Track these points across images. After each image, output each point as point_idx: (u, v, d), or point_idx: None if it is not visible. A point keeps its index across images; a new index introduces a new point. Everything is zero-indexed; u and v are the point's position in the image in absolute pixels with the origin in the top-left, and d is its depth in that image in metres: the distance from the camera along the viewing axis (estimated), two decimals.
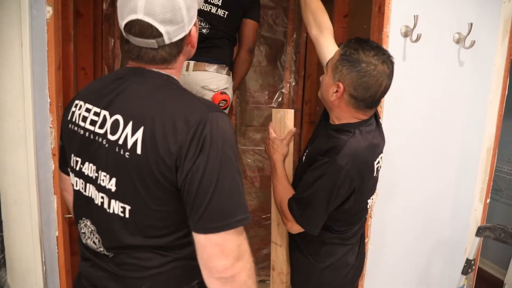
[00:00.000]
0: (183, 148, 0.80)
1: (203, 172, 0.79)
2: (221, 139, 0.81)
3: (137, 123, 0.83)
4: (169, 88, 0.89)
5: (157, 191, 0.83)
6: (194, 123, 0.80)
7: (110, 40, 2.47)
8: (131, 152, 0.83)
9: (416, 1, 1.68)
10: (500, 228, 1.56)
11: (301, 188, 1.25)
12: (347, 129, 1.24)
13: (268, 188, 2.89)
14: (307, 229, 1.25)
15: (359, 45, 1.18)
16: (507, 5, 1.67)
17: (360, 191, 1.22)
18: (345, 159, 1.16)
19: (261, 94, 2.76)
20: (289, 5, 2.69)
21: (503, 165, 2.96)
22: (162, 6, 0.83)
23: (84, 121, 0.93)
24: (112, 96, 0.91)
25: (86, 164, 0.93)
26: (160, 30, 0.85)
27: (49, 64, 1.38)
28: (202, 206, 0.79)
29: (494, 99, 1.75)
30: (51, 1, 1.36)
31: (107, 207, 0.90)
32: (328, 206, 1.20)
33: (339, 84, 1.19)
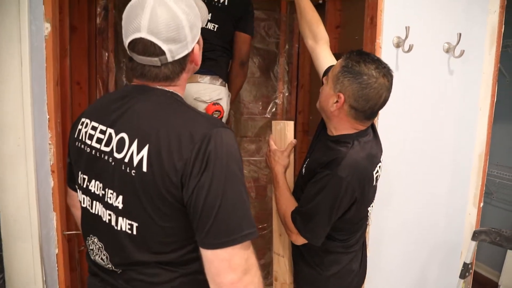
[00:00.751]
0: (188, 164, 0.80)
1: (209, 189, 0.80)
2: (225, 155, 0.82)
3: (143, 141, 0.84)
4: (173, 105, 0.90)
5: (163, 207, 0.84)
6: (199, 140, 0.81)
7: (104, 54, 2.47)
8: (137, 170, 0.84)
9: (407, 13, 1.73)
10: (496, 232, 1.60)
11: (304, 201, 1.27)
12: (346, 140, 1.26)
13: (263, 198, 2.91)
14: (311, 241, 1.27)
15: (360, 57, 1.21)
16: (492, 16, 1.73)
17: (361, 201, 1.25)
18: (345, 170, 1.18)
19: (255, 105, 2.79)
20: (281, 17, 2.73)
21: (492, 168, 3.03)
22: (165, 25, 0.85)
23: (90, 139, 0.94)
24: (118, 114, 0.92)
25: (93, 182, 0.94)
26: (163, 48, 0.86)
27: (48, 80, 1.38)
28: (209, 222, 0.80)
29: (484, 106, 1.80)
30: (49, 17, 1.36)
31: (114, 224, 0.90)
32: (331, 217, 1.22)
33: (340, 94, 1.22)
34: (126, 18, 0.89)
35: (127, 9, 0.89)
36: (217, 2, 1.83)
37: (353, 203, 1.23)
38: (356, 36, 2.07)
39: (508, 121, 2.95)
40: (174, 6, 0.86)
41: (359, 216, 1.33)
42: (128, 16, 0.88)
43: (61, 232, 1.50)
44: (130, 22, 0.87)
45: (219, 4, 1.82)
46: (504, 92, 2.89)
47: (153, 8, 0.85)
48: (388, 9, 1.70)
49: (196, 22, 0.92)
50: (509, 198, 2.93)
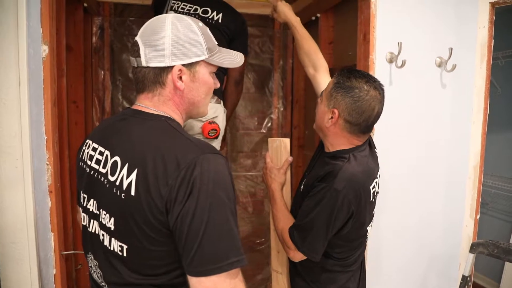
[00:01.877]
0: (173, 191, 0.80)
1: (193, 216, 0.79)
2: (211, 182, 0.81)
3: (132, 165, 0.85)
4: (165, 130, 0.91)
5: (150, 232, 0.83)
6: (184, 166, 0.81)
7: (100, 73, 2.49)
8: (126, 194, 0.85)
9: (399, 29, 1.76)
10: (493, 244, 1.61)
11: (301, 215, 1.27)
12: (342, 155, 1.28)
13: (261, 213, 2.90)
14: (309, 255, 1.26)
15: (350, 73, 1.26)
16: (482, 31, 1.77)
17: (358, 216, 1.25)
18: (342, 183, 1.19)
19: (251, 120, 2.81)
20: (274, 33, 2.77)
21: (487, 179, 3.05)
22: (150, 31, 0.92)
23: (90, 160, 0.97)
24: (115, 137, 0.94)
25: (91, 201, 0.96)
26: (140, 50, 0.92)
27: (45, 102, 1.39)
28: (193, 250, 0.79)
29: (477, 119, 1.83)
30: (47, 39, 1.38)
31: (107, 244, 0.91)
32: (328, 231, 1.22)
33: (334, 110, 1.25)
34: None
35: None
36: (211, 19, 1.85)
37: (350, 217, 1.23)
38: (349, 52, 2.11)
39: (502, 132, 2.99)
40: (169, 20, 0.92)
41: (357, 234, 1.32)
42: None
43: (59, 253, 1.48)
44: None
45: (213, 22, 1.84)
46: (497, 103, 2.94)
47: (154, 19, 0.95)
48: (381, 26, 1.74)
49: (188, 45, 0.92)
50: (504, 208, 2.95)
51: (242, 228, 2.87)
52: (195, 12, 1.86)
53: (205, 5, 1.86)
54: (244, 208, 2.86)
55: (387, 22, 1.75)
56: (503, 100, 2.95)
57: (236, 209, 0.86)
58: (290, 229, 1.30)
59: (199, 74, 0.97)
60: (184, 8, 1.87)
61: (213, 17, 1.86)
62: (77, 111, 2.19)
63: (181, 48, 0.91)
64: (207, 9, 1.86)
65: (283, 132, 2.87)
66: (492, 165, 3.06)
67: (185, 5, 1.87)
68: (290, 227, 1.30)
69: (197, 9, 1.86)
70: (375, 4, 1.73)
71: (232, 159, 2.81)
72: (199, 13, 1.86)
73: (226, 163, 0.88)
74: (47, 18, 1.36)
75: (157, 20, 0.94)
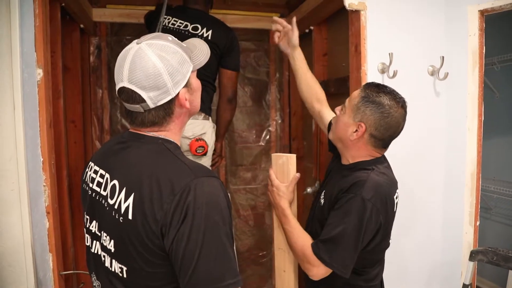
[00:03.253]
0: (167, 215, 0.81)
1: (188, 240, 0.80)
2: (205, 205, 0.82)
3: (130, 189, 0.87)
4: (161, 154, 0.92)
5: (148, 255, 0.85)
6: (179, 191, 0.82)
7: (98, 91, 2.52)
8: (124, 217, 0.86)
9: (390, 39, 1.78)
10: (492, 251, 1.60)
11: (327, 229, 1.22)
12: (364, 166, 1.28)
13: (262, 226, 2.90)
14: (339, 270, 1.19)
15: (379, 88, 1.27)
16: (472, 39, 1.78)
17: (385, 226, 1.24)
18: (370, 192, 1.18)
19: (249, 134, 2.82)
20: (270, 47, 2.80)
21: (489, 184, 3.03)
22: (143, 73, 0.88)
23: (92, 182, 0.99)
24: (113, 160, 0.96)
25: (94, 223, 0.98)
26: (142, 96, 0.89)
27: (41, 124, 1.41)
28: (188, 272, 0.80)
29: (472, 126, 1.83)
30: (41, 63, 1.40)
31: (109, 265, 0.93)
32: (358, 243, 1.18)
33: (361, 124, 1.25)
34: (115, 69, 0.94)
35: (116, 61, 0.94)
36: (200, 35, 1.88)
37: (379, 228, 1.21)
38: (343, 63, 2.12)
39: (502, 136, 2.98)
40: (152, 55, 0.89)
41: (382, 246, 1.29)
42: (116, 67, 0.93)
43: (57, 273, 1.49)
44: (116, 73, 0.93)
45: (203, 38, 1.87)
46: (496, 108, 2.94)
47: (133, 58, 0.89)
48: (371, 37, 1.75)
49: (180, 68, 0.92)
50: (507, 213, 2.92)
51: (244, 242, 2.87)
52: (185, 28, 1.88)
53: (195, 22, 1.89)
54: (245, 222, 2.86)
55: (378, 33, 1.77)
56: (502, 104, 2.95)
57: (232, 231, 0.88)
58: (313, 245, 1.23)
59: (192, 84, 0.99)
60: (174, 24, 1.90)
61: (202, 33, 1.88)
62: (75, 130, 2.22)
63: (178, 75, 0.92)
64: (197, 25, 1.88)
65: (281, 144, 2.88)
66: (494, 169, 3.04)
67: (176, 21, 1.90)
68: (314, 243, 1.24)
69: (187, 25, 1.89)
70: (365, 16, 1.75)
71: (231, 172, 2.81)
72: (189, 29, 1.88)
73: (221, 185, 0.89)
74: (41, 42, 1.39)
75: (139, 59, 0.88)
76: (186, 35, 1.87)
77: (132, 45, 0.92)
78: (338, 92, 2.27)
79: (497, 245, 1.72)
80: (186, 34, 1.88)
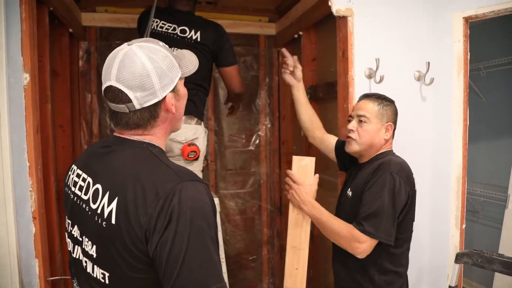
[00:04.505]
0: (152, 220, 0.80)
1: (172, 245, 0.79)
2: (190, 210, 0.81)
3: (113, 193, 0.86)
4: (145, 158, 0.91)
5: (131, 260, 0.84)
6: (163, 195, 0.81)
7: (87, 96, 2.51)
8: (107, 222, 0.85)
9: (377, 45, 1.81)
10: (477, 254, 1.61)
11: (366, 206, 1.38)
12: (382, 156, 1.51)
13: (252, 230, 2.90)
14: (385, 239, 1.36)
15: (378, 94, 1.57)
16: (457, 45, 1.81)
17: (411, 200, 1.43)
18: (396, 167, 1.41)
19: (239, 138, 2.83)
20: (259, 52, 2.82)
21: (476, 187, 3.07)
22: (131, 73, 0.88)
23: (74, 186, 0.98)
24: (96, 164, 0.95)
25: (75, 227, 0.96)
26: (129, 95, 0.88)
27: (28, 129, 1.40)
28: (172, 278, 0.79)
29: (458, 130, 1.86)
30: (28, 68, 1.40)
31: (90, 271, 0.92)
32: (396, 212, 1.37)
33: (390, 124, 1.53)
34: (103, 68, 0.93)
35: (106, 61, 0.93)
36: (189, 39, 1.88)
37: (407, 200, 1.40)
38: (331, 68, 2.14)
39: (489, 140, 3.02)
40: (142, 55, 0.89)
41: (408, 222, 1.47)
42: (105, 67, 0.93)
43: (44, 279, 1.48)
44: (104, 72, 0.92)
45: (192, 41, 1.87)
46: (482, 112, 2.99)
47: (123, 58, 0.89)
48: (358, 43, 1.78)
49: (169, 72, 0.92)
50: (494, 216, 2.96)
51: (234, 246, 2.86)
52: (173, 32, 1.89)
53: (182, 24, 1.88)
54: (235, 226, 2.86)
55: (365, 39, 1.79)
56: (487, 108, 2.99)
57: (217, 235, 0.87)
58: (356, 224, 1.37)
59: (180, 91, 0.98)
60: (163, 26, 1.90)
61: (191, 36, 1.87)
62: (64, 135, 2.21)
63: (166, 78, 0.92)
64: (185, 28, 1.88)
65: (271, 148, 2.89)
66: (481, 173, 3.08)
67: (164, 24, 1.90)
68: (356, 222, 1.38)
69: (175, 28, 1.88)
70: (352, 22, 1.77)
71: (221, 177, 2.82)
72: (177, 32, 1.88)
73: (206, 189, 0.89)
74: (27, 47, 1.39)
75: (128, 59, 0.89)
76: (174, 39, 1.87)
77: (123, 46, 0.92)
78: (326, 97, 2.29)
79: (484, 248, 1.74)
80: (175, 38, 1.88)
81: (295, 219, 1.47)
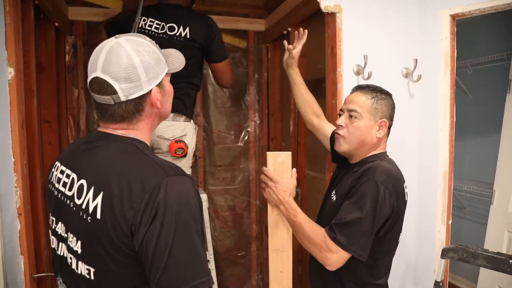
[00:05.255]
0: (137, 215, 0.81)
1: (157, 239, 0.80)
2: (176, 204, 0.82)
3: (98, 188, 0.86)
4: (130, 153, 0.91)
5: (117, 255, 0.84)
6: (149, 190, 0.82)
7: (74, 91, 2.48)
8: (92, 217, 0.85)
9: (365, 42, 1.81)
10: (462, 249, 1.64)
11: (343, 213, 1.25)
12: (373, 159, 1.37)
13: (241, 226, 2.91)
14: (356, 253, 1.21)
15: (375, 86, 1.41)
16: (444, 42, 1.83)
17: (397, 212, 1.28)
18: (382, 176, 1.26)
19: (228, 134, 2.83)
20: (249, 48, 2.81)
21: (463, 183, 3.12)
22: (117, 64, 0.88)
23: (58, 182, 0.97)
24: (81, 160, 0.95)
25: (59, 224, 0.96)
26: (114, 87, 0.89)
27: (12, 124, 1.39)
28: (159, 272, 0.80)
29: (444, 126, 1.88)
30: (12, 62, 1.38)
31: (75, 267, 0.91)
32: (374, 225, 1.22)
33: (384, 121, 1.37)
34: (89, 61, 0.93)
35: (92, 53, 0.93)
36: (178, 36, 1.85)
37: (391, 212, 1.26)
38: (319, 65, 2.15)
39: (475, 137, 3.07)
40: (129, 48, 0.90)
41: (392, 235, 1.33)
42: (91, 59, 0.92)
43: (29, 276, 1.46)
44: (90, 64, 0.92)
45: (181, 39, 1.85)
46: (469, 109, 3.03)
47: (109, 50, 0.90)
48: (347, 39, 1.78)
49: (155, 66, 0.93)
50: (480, 212, 3.01)
51: (222, 242, 2.87)
52: (162, 31, 1.86)
53: (171, 21, 1.86)
54: (224, 222, 2.86)
55: (353, 35, 1.80)
56: (474, 106, 3.03)
57: (204, 229, 0.88)
58: (328, 231, 1.25)
59: (165, 87, 0.99)
60: (151, 25, 1.87)
61: (180, 33, 1.85)
62: (50, 131, 2.18)
63: (153, 72, 0.92)
64: (173, 25, 1.85)
65: (260, 145, 2.89)
66: (467, 170, 3.13)
67: (152, 22, 1.87)
68: (329, 229, 1.25)
69: (163, 26, 1.86)
70: (341, 18, 1.78)
71: (210, 173, 2.81)
72: (166, 31, 1.85)
73: (192, 184, 0.89)
74: (12, 41, 1.37)
75: (115, 51, 0.89)
76: (163, 39, 1.84)
77: (111, 39, 0.93)
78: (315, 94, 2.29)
79: (470, 243, 1.77)
80: (163, 38, 1.85)
81: (275, 220, 1.39)
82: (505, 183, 2.54)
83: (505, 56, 2.65)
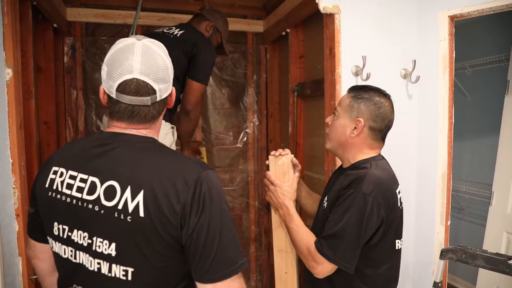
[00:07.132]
0: (186, 207, 0.86)
1: (208, 229, 0.86)
2: (217, 196, 0.89)
3: (136, 187, 0.87)
4: (159, 150, 0.95)
5: (161, 248, 0.88)
6: (192, 183, 0.88)
7: (72, 92, 2.48)
8: (133, 216, 0.86)
9: (364, 43, 1.81)
10: (461, 250, 1.64)
11: (329, 224, 1.22)
12: (363, 164, 1.30)
13: (239, 228, 2.90)
14: (342, 265, 1.20)
15: (365, 87, 1.35)
16: (443, 43, 1.83)
17: (387, 221, 1.24)
18: (369, 187, 1.20)
19: (226, 135, 2.83)
20: (247, 49, 2.81)
21: (462, 185, 3.12)
22: (156, 66, 0.92)
23: (69, 188, 0.93)
24: (99, 162, 0.92)
25: (75, 232, 0.92)
26: (154, 87, 0.92)
27: (10, 125, 1.38)
28: (209, 260, 0.86)
29: (443, 128, 1.88)
30: (10, 62, 1.37)
31: (106, 272, 0.90)
32: (360, 238, 1.19)
33: (358, 119, 1.29)
34: (113, 62, 0.91)
35: (113, 54, 0.92)
36: (171, 34, 1.91)
37: (381, 223, 1.22)
38: (319, 66, 2.15)
39: (474, 138, 3.07)
40: (159, 50, 0.94)
41: (386, 243, 1.27)
42: (116, 60, 0.91)
43: (27, 277, 1.46)
44: (118, 65, 0.90)
45: (171, 36, 1.90)
46: (467, 111, 3.03)
47: (143, 52, 0.91)
48: (346, 40, 1.78)
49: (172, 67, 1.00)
50: (479, 213, 3.01)
51: None
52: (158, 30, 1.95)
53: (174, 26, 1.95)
54: None
55: (352, 36, 1.80)
56: (473, 107, 3.04)
57: None
58: (317, 241, 1.23)
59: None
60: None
61: (173, 32, 1.93)
62: (48, 132, 2.17)
63: (172, 72, 0.99)
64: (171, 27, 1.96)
65: (259, 146, 2.89)
66: (466, 171, 3.13)
67: None
68: (317, 240, 1.24)
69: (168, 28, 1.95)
70: (339, 19, 1.77)
71: None
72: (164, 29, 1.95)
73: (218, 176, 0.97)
74: (10, 41, 1.36)
75: (151, 52, 0.92)
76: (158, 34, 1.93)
77: (132, 40, 0.93)
78: (314, 94, 2.30)
79: (469, 244, 1.77)
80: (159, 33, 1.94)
81: (278, 221, 1.41)
82: (503, 184, 2.54)
83: (503, 57, 2.65)
